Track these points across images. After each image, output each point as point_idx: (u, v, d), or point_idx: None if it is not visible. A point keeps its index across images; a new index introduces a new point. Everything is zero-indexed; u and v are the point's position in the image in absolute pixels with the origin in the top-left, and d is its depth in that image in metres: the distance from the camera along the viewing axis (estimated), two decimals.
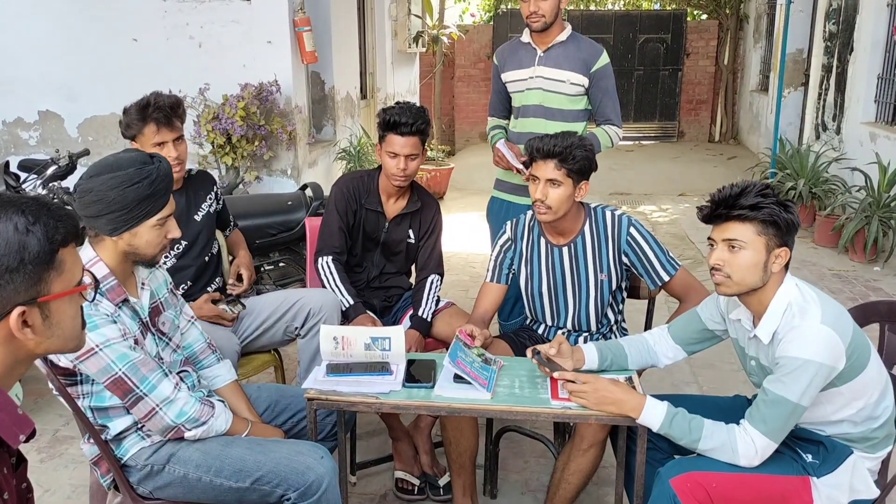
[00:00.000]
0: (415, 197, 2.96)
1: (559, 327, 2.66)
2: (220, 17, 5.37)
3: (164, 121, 2.62)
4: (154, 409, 1.92)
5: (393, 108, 2.79)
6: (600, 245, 2.54)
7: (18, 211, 1.19)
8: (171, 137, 2.65)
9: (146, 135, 2.62)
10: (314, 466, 1.96)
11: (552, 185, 2.41)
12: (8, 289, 1.17)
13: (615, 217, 2.55)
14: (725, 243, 1.91)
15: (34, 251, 1.18)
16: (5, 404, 1.19)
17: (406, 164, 2.76)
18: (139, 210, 1.90)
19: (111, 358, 1.86)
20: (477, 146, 11.51)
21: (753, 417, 1.89)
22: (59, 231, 1.22)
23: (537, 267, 2.61)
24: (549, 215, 2.45)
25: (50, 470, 3.02)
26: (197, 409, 1.98)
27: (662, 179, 9.12)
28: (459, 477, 2.59)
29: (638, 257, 2.52)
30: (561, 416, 2.10)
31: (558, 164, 2.39)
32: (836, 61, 7.27)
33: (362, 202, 2.90)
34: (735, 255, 1.89)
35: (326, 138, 6.71)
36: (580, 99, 3.25)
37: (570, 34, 3.23)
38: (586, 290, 2.57)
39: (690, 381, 3.82)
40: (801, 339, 1.84)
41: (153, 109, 2.61)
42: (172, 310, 2.16)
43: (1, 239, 1.16)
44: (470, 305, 2.90)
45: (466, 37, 11.11)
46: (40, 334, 1.22)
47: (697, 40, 11.81)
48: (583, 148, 2.41)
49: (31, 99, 5.61)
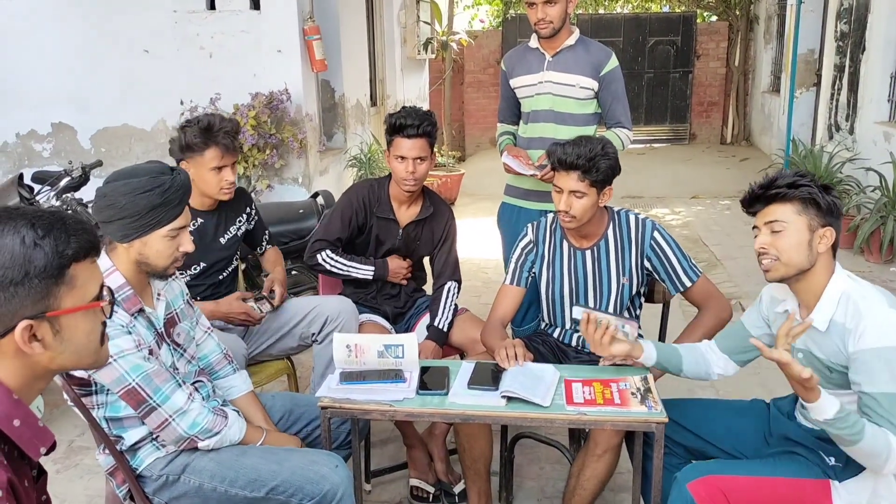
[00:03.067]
0: (427, 203, 2.95)
1: (576, 331, 2.65)
2: (230, 26, 5.40)
3: (229, 146, 2.62)
4: (167, 420, 1.92)
5: (399, 112, 2.79)
6: (623, 248, 2.53)
7: (28, 224, 1.18)
8: (231, 161, 2.65)
9: (206, 157, 2.60)
10: (329, 475, 1.95)
11: (576, 197, 2.39)
12: (13, 302, 1.16)
13: (639, 221, 2.54)
14: (767, 227, 1.90)
15: (40, 265, 1.17)
16: (26, 417, 1.19)
17: (415, 168, 2.75)
18: (150, 218, 1.91)
19: (125, 369, 1.86)
20: (487, 151, 11.51)
21: (881, 426, 1.77)
22: (70, 246, 1.21)
23: (559, 270, 2.59)
24: (574, 223, 2.44)
25: (65, 481, 3.03)
26: (210, 419, 1.98)
27: (674, 182, 9.08)
28: (474, 484, 2.57)
29: (661, 262, 2.51)
30: (576, 421, 2.08)
31: (581, 175, 2.36)
32: (849, 61, 7.22)
33: (373, 210, 2.89)
34: (778, 237, 1.88)
35: (337, 146, 6.72)
36: (590, 103, 3.24)
37: (578, 38, 3.22)
38: (607, 294, 2.55)
39: (706, 384, 3.79)
40: (879, 328, 1.79)
41: (220, 134, 2.59)
42: (188, 321, 2.16)
43: (6, 252, 1.16)
44: (482, 311, 2.88)
45: (476, 43, 11.13)
46: (52, 349, 1.21)
47: (708, 42, 11.77)
48: (606, 157, 2.38)
49: (44, 111, 5.65)
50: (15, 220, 1.19)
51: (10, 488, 1.11)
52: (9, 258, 1.16)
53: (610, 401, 2.08)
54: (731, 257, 6.13)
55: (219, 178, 2.63)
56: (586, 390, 2.14)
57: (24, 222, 1.19)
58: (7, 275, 1.15)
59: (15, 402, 1.18)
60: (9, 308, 1.16)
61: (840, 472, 1.90)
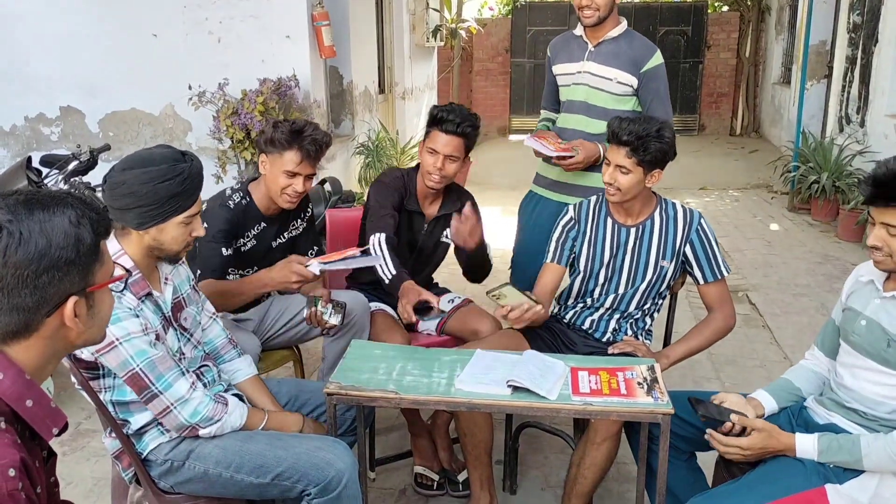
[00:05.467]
0: (454, 197, 2.92)
1: (595, 308, 2.65)
2: (239, 12, 5.39)
3: (313, 155, 2.57)
4: (168, 408, 1.92)
5: (444, 105, 2.75)
6: (668, 231, 2.56)
7: (68, 206, 1.23)
8: (308, 172, 2.59)
9: (286, 159, 2.54)
10: (334, 462, 1.96)
11: (621, 172, 2.42)
12: (66, 280, 1.21)
13: (686, 208, 2.59)
14: (883, 227, 1.88)
15: (87, 243, 1.22)
16: (39, 397, 1.21)
17: (444, 164, 2.71)
18: (169, 206, 1.91)
19: (130, 353, 1.86)
20: (496, 141, 11.48)
21: None
22: (101, 224, 1.26)
23: (601, 247, 2.61)
24: (618, 196, 2.47)
25: (72, 463, 3.04)
26: (210, 407, 1.97)
27: (683, 173, 9.03)
28: (476, 469, 2.58)
29: (703, 248, 2.55)
30: (582, 411, 2.08)
31: (629, 152, 2.39)
32: (861, 53, 7.15)
33: (404, 202, 2.85)
34: (894, 239, 1.86)
35: (345, 133, 6.71)
36: (628, 99, 3.09)
37: (624, 30, 3.07)
38: (643, 274, 2.57)
39: (712, 377, 3.79)
40: None
41: (308, 141, 2.54)
42: (194, 306, 2.16)
43: (60, 232, 1.19)
44: (487, 302, 2.87)
45: (485, 30, 11.08)
46: (84, 323, 1.26)
47: (718, 32, 11.69)
48: (659, 139, 2.39)
49: (53, 95, 5.66)
50: (56, 202, 1.22)
51: (24, 468, 1.13)
52: (62, 238, 1.19)
53: (616, 391, 2.08)
54: (738, 249, 6.11)
55: (288, 182, 2.56)
56: (592, 379, 2.14)
57: (64, 204, 1.23)
58: (63, 254, 1.19)
59: (28, 382, 1.20)
60: (62, 286, 1.20)
61: (841, 475, 1.89)
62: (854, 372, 1.99)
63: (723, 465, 2.21)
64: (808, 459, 1.93)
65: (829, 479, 1.89)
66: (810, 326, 4.31)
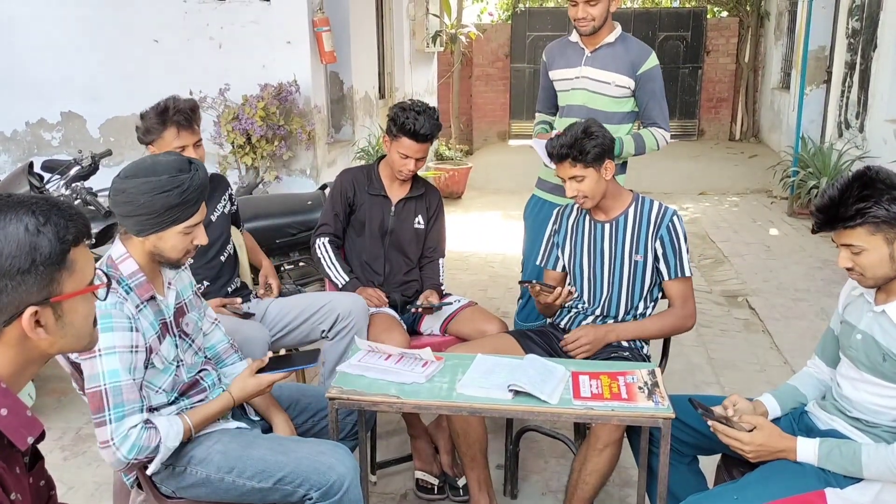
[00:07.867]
0: (418, 183, 3.10)
1: (591, 313, 2.68)
2: (239, 17, 5.40)
3: (184, 124, 2.62)
4: (108, 442, 1.83)
5: (410, 113, 2.84)
6: (640, 226, 2.61)
7: (29, 212, 1.19)
8: (192, 141, 2.65)
9: (166, 139, 2.61)
10: (335, 466, 1.96)
11: (577, 181, 2.52)
12: (20, 290, 1.17)
13: (661, 206, 2.65)
14: (845, 248, 1.90)
15: (45, 252, 1.18)
16: (14, 406, 1.19)
17: (415, 165, 2.95)
18: (167, 217, 1.91)
19: (103, 368, 1.82)
20: (495, 146, 11.49)
21: None
22: (69, 231, 1.22)
23: (580, 243, 2.70)
24: (589, 202, 2.57)
25: (73, 468, 3.04)
26: (144, 436, 1.85)
27: (683, 178, 9.05)
28: (472, 471, 2.59)
29: (671, 244, 2.59)
30: (583, 416, 2.09)
31: (572, 162, 2.50)
32: (860, 58, 7.17)
33: (365, 189, 3.03)
34: (859, 258, 1.88)
35: (345, 138, 6.72)
36: (626, 101, 3.21)
37: (619, 35, 3.19)
38: (620, 270, 2.63)
39: (712, 381, 3.79)
40: None
41: (173, 112, 2.60)
42: (196, 311, 2.17)
43: (12, 241, 1.16)
44: (489, 305, 2.88)
45: (484, 36, 11.09)
46: (53, 334, 1.23)
47: (717, 38, 11.69)
48: (590, 137, 2.48)
49: (54, 100, 5.66)
50: (15, 208, 1.19)
51: None
52: (15, 247, 1.16)
53: (617, 395, 2.08)
54: (738, 254, 6.12)
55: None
56: (593, 383, 2.15)
57: (24, 210, 1.19)
58: (14, 263, 1.16)
59: (2, 390, 1.18)
60: (16, 296, 1.17)
61: (841, 480, 1.89)
62: (854, 384, 2.00)
63: (724, 469, 2.21)
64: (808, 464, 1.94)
65: (829, 483, 1.89)
66: (810, 331, 4.32)
